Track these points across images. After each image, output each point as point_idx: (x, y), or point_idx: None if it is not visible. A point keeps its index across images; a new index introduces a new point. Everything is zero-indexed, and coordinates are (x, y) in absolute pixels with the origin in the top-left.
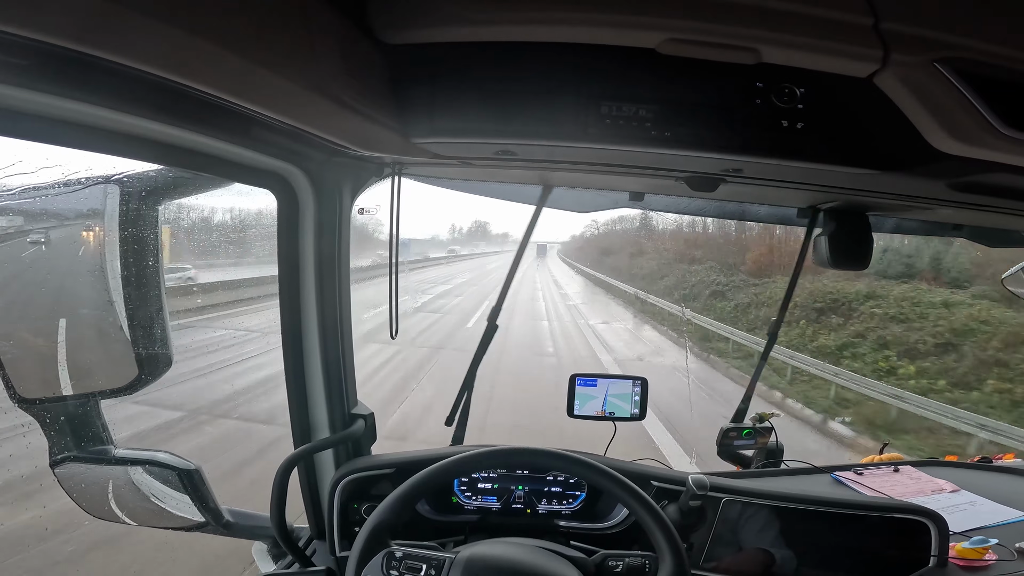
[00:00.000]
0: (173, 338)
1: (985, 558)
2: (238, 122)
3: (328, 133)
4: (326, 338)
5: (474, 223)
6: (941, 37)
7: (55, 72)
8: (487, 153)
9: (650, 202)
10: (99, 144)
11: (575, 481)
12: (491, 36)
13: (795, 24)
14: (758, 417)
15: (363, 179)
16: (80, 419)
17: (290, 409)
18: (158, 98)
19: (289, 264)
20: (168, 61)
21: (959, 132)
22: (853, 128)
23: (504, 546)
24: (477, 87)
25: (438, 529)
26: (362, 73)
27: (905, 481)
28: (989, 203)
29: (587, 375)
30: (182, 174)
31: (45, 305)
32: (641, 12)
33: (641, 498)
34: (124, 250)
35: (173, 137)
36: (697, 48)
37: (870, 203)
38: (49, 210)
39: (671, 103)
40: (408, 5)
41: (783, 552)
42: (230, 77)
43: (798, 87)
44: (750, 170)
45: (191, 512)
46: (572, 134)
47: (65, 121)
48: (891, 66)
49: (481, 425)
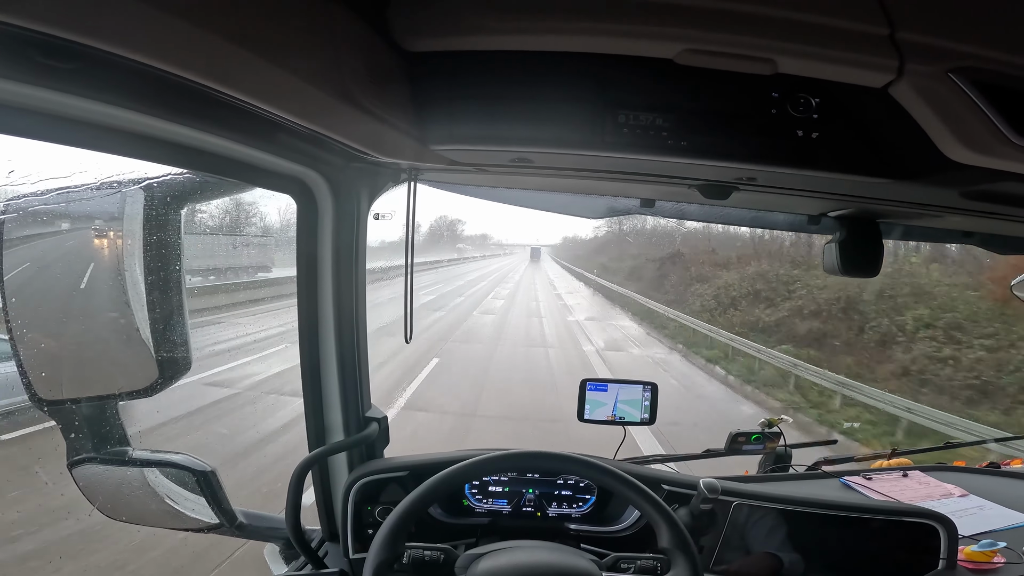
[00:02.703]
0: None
1: (994, 561)
2: (264, 127)
3: (349, 139)
4: (342, 341)
5: (439, 218)
6: (956, 47)
7: (90, 77)
8: (503, 160)
9: (660, 208)
10: (133, 149)
11: (585, 484)
12: (510, 45)
13: (811, 35)
14: (767, 422)
15: (380, 184)
16: (99, 420)
17: (306, 412)
18: (190, 104)
19: (307, 268)
20: (203, 66)
21: (972, 142)
22: (867, 137)
23: (511, 553)
24: (496, 95)
25: (449, 531)
26: (384, 80)
27: (914, 486)
28: (1000, 211)
29: (598, 380)
30: (205, 178)
31: (67, 307)
32: (659, 23)
33: (653, 500)
34: (148, 253)
35: (201, 142)
36: (714, 58)
37: (881, 211)
38: (74, 212)
39: (688, 112)
40: (429, 14)
41: (792, 556)
42: (258, 82)
43: (813, 97)
44: (764, 178)
45: (205, 513)
46: (589, 142)
47: (99, 126)
48: (906, 76)
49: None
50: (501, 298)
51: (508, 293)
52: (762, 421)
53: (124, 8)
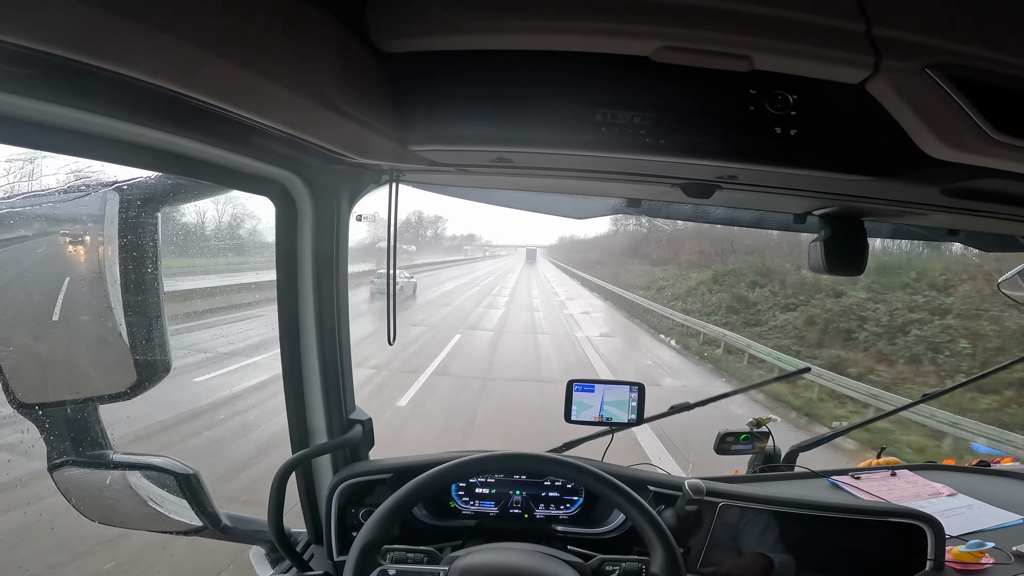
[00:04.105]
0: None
1: (982, 561)
2: (237, 130)
3: (326, 141)
4: (324, 344)
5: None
6: (932, 43)
7: (58, 81)
8: (484, 160)
9: (647, 208)
10: (102, 152)
11: (572, 486)
12: (487, 44)
13: (787, 31)
14: (755, 422)
15: (361, 186)
16: (79, 424)
17: (288, 414)
18: (158, 106)
19: (287, 271)
20: (168, 70)
21: (951, 138)
22: (846, 134)
23: (498, 552)
24: (474, 95)
25: (435, 533)
26: (360, 81)
27: (902, 485)
28: (983, 208)
29: (584, 380)
30: (181, 181)
31: (45, 310)
32: (635, 20)
33: (635, 501)
34: (124, 256)
35: (173, 145)
36: (690, 56)
37: (865, 209)
38: (50, 216)
39: (665, 110)
40: (405, 13)
41: (780, 557)
42: (229, 86)
43: (791, 94)
44: (745, 177)
45: (189, 516)
46: (568, 141)
47: (67, 130)
48: (883, 72)
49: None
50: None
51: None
52: (751, 421)
53: (89, 15)
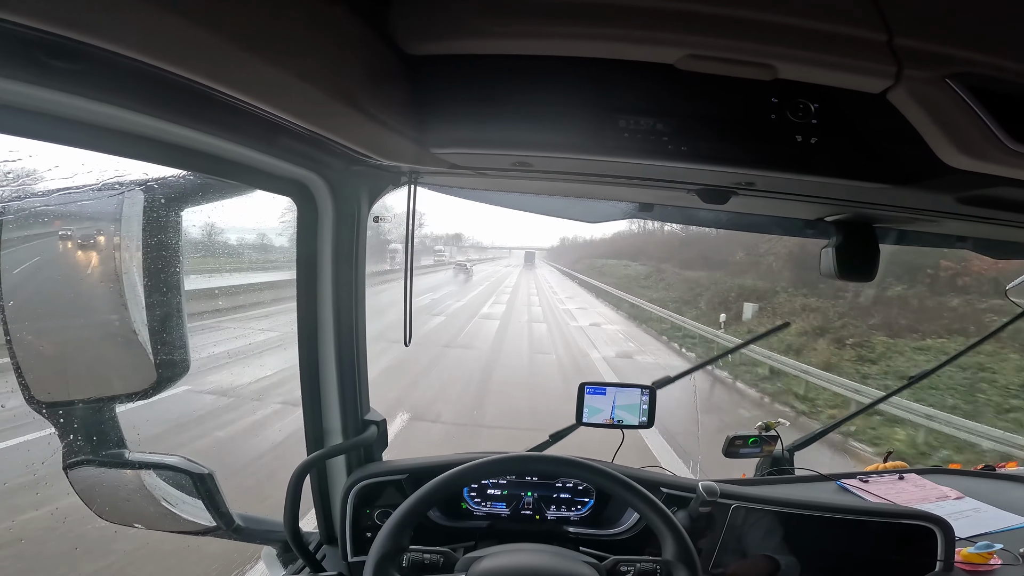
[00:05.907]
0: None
1: (990, 562)
2: (265, 129)
3: (350, 142)
4: (341, 344)
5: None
6: (953, 53)
7: (93, 77)
8: (504, 164)
9: (658, 212)
10: (130, 150)
11: (584, 488)
12: (512, 49)
13: (811, 41)
14: (764, 426)
15: (380, 187)
16: (95, 423)
17: (304, 415)
18: (190, 104)
19: (307, 271)
20: (203, 66)
21: (968, 147)
22: (865, 143)
23: (514, 554)
24: (497, 99)
25: (448, 535)
26: (385, 83)
27: (910, 488)
28: (996, 216)
29: (596, 383)
30: (206, 180)
31: (65, 308)
32: (661, 29)
33: (654, 504)
34: (147, 255)
35: (201, 143)
36: (715, 64)
37: (878, 216)
38: (75, 213)
39: (688, 117)
40: (431, 18)
41: (788, 558)
42: (262, 83)
43: (812, 103)
44: (762, 183)
45: (203, 516)
46: (589, 147)
47: (98, 126)
48: (904, 82)
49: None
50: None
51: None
52: (759, 424)
53: (125, 6)
